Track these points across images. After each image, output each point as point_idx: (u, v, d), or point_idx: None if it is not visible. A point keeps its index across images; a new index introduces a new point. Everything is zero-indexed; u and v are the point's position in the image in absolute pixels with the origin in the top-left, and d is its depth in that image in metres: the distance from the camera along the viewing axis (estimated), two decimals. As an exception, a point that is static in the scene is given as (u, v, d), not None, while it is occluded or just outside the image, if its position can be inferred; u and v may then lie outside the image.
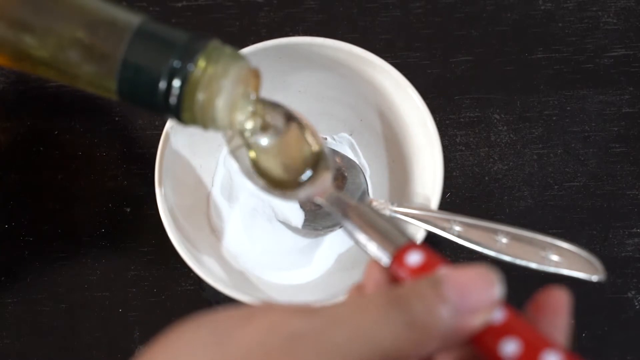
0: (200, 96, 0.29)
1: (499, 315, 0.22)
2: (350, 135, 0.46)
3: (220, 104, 0.29)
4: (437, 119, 0.41)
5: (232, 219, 0.44)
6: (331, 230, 0.44)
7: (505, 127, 0.48)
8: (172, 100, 0.29)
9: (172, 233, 0.38)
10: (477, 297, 0.22)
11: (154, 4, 0.52)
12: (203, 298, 0.45)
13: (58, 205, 0.47)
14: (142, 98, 0.30)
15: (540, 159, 0.47)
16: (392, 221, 0.28)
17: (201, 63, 0.29)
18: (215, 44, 0.30)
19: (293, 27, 0.51)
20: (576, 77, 0.49)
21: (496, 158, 0.48)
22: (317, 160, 0.34)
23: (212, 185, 0.45)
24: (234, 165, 0.45)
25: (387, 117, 0.43)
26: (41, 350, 0.45)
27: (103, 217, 0.47)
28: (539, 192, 0.47)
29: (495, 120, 0.49)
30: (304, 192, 0.33)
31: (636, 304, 0.44)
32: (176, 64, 0.28)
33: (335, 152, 0.46)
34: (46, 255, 0.46)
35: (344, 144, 0.46)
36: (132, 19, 0.30)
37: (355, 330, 0.21)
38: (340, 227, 0.44)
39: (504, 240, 0.33)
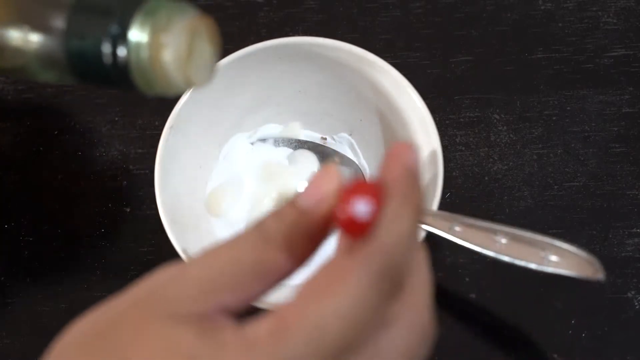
0: (144, 54, 0.29)
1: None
2: (350, 135, 0.46)
3: (167, 58, 0.29)
4: (437, 119, 0.41)
5: (232, 218, 0.44)
6: (331, 230, 0.44)
7: (505, 127, 0.48)
8: (120, 63, 0.29)
9: (172, 233, 0.38)
10: (320, 189, 0.24)
11: (154, 4, 0.52)
12: (203, 298, 0.45)
13: (58, 205, 0.47)
14: (95, 73, 0.30)
15: (540, 159, 0.47)
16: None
17: (138, 23, 0.29)
18: (154, 1, 0.29)
19: (293, 27, 0.51)
20: (576, 77, 0.49)
21: (496, 158, 0.48)
22: None
23: (212, 185, 0.45)
24: (234, 165, 0.45)
25: (387, 117, 0.43)
26: (41, 350, 0.44)
27: (103, 217, 0.47)
28: (539, 192, 0.47)
29: (495, 120, 0.48)
30: None
31: (636, 304, 0.44)
32: (115, 29, 0.28)
33: (335, 152, 0.46)
34: (46, 255, 0.46)
35: (344, 144, 0.46)
36: None
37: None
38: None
39: (504, 240, 0.33)
